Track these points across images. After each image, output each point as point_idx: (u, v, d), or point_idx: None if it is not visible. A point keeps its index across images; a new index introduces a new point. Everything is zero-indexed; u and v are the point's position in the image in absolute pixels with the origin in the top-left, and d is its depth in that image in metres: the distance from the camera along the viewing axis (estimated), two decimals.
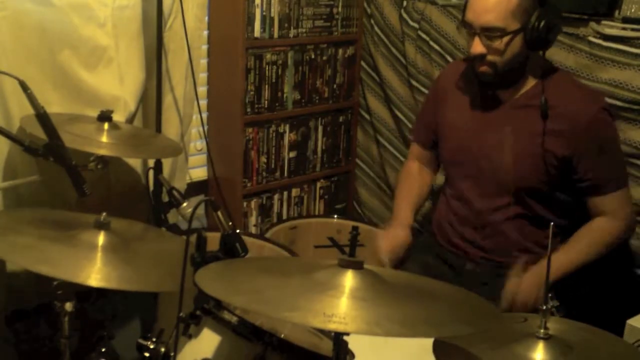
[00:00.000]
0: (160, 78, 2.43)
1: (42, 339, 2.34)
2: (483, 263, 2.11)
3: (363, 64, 3.12)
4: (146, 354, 1.46)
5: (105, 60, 2.31)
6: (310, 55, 2.92)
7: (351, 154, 3.22)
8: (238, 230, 1.54)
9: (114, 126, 2.10)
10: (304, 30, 2.87)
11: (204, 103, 2.83)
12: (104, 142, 2.03)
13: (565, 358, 1.28)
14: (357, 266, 1.23)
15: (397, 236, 2.18)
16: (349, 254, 1.29)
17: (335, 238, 2.51)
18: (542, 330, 1.30)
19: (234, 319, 1.46)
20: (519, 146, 1.99)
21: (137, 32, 2.37)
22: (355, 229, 1.34)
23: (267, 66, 2.79)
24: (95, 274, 1.47)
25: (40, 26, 2.17)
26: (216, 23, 2.73)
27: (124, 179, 2.51)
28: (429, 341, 1.34)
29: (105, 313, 2.45)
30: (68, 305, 1.56)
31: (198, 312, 1.48)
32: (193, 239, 1.43)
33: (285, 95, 2.89)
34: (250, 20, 2.69)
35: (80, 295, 1.60)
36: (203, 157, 2.91)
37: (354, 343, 1.36)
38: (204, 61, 2.79)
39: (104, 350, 1.60)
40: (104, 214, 1.61)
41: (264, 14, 2.71)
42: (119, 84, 2.35)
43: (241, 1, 2.64)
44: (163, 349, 1.46)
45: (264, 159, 2.90)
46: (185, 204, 1.86)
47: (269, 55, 2.78)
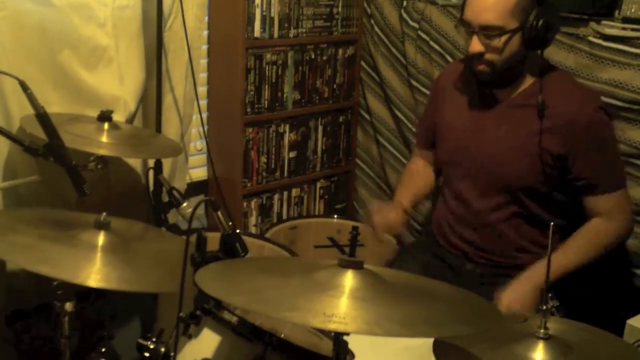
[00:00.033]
0: (160, 78, 2.43)
1: (42, 339, 2.34)
2: (482, 263, 2.11)
3: (363, 64, 3.11)
4: (146, 354, 1.46)
5: (105, 60, 2.31)
6: (310, 55, 2.92)
7: (351, 154, 3.22)
8: (238, 230, 1.54)
9: (114, 126, 2.10)
10: (304, 30, 2.87)
11: (204, 103, 2.83)
12: (104, 142, 2.03)
13: (565, 358, 1.28)
14: (357, 266, 1.23)
15: (391, 216, 2.23)
16: (349, 254, 1.29)
17: (335, 238, 2.51)
18: (542, 330, 1.30)
19: (234, 319, 1.46)
20: (515, 145, 1.99)
21: (137, 32, 2.37)
22: (355, 229, 1.33)
23: (267, 66, 2.79)
24: (95, 275, 1.47)
25: (40, 26, 2.17)
26: (216, 23, 2.73)
27: (124, 179, 2.51)
28: (429, 341, 1.34)
29: (105, 313, 2.45)
30: (68, 305, 1.56)
31: (198, 312, 1.48)
32: (193, 239, 1.43)
33: (285, 95, 2.89)
34: (250, 20, 2.68)
35: (80, 295, 1.60)
36: (203, 157, 2.91)
37: (354, 343, 1.36)
38: (204, 61, 2.79)
39: (104, 350, 1.60)
40: (104, 214, 1.61)
41: (264, 14, 2.71)
42: (119, 84, 2.35)
43: (241, 1, 2.64)
44: (163, 349, 1.46)
45: (264, 159, 2.89)
46: (185, 204, 1.86)
47: (269, 55, 2.78)
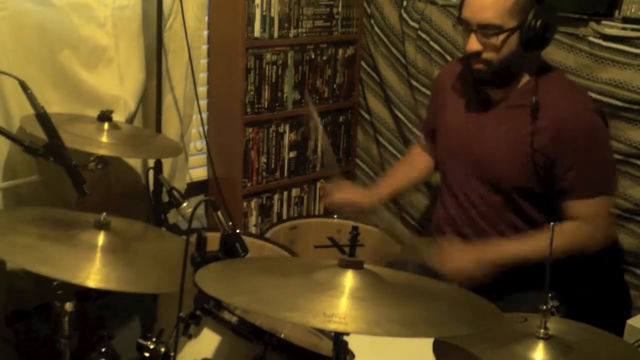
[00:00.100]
0: (160, 78, 2.43)
1: (42, 339, 2.34)
2: None
3: (363, 64, 3.11)
4: (146, 354, 1.46)
5: (105, 60, 2.31)
6: (310, 55, 2.92)
7: (351, 154, 3.22)
8: (238, 230, 1.54)
9: (114, 126, 2.10)
10: (304, 30, 2.87)
11: (204, 103, 2.83)
12: (104, 142, 2.03)
13: (565, 358, 1.28)
14: (357, 266, 1.23)
15: (360, 196, 2.26)
16: (349, 254, 1.29)
17: (335, 238, 2.51)
18: (542, 330, 1.30)
19: (234, 319, 1.46)
20: (510, 146, 1.98)
21: (137, 32, 2.37)
22: (355, 229, 1.33)
23: (267, 66, 2.79)
24: (95, 275, 1.47)
25: (40, 26, 2.17)
26: (216, 23, 2.73)
27: (124, 179, 2.51)
28: (429, 341, 1.34)
29: (105, 313, 2.45)
30: (68, 305, 1.56)
31: (198, 312, 1.48)
32: (193, 239, 1.43)
33: (285, 95, 2.89)
34: (250, 20, 2.68)
35: (80, 295, 1.59)
36: (203, 157, 2.91)
37: (354, 343, 1.36)
38: (204, 61, 2.79)
39: (104, 350, 1.59)
40: (104, 214, 1.61)
41: (264, 14, 2.71)
42: (119, 84, 2.35)
43: (241, 1, 2.64)
44: (163, 349, 1.46)
45: (264, 159, 2.89)
46: (185, 204, 1.86)
47: (269, 55, 2.78)
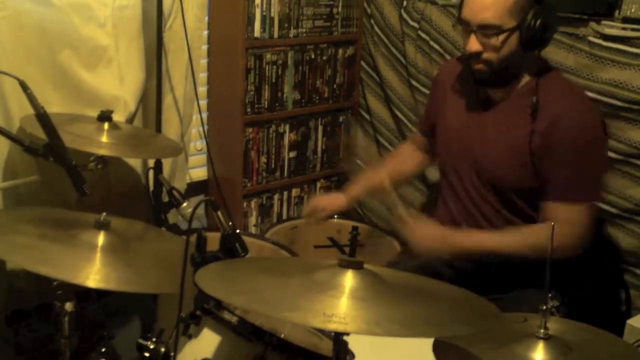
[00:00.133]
0: (160, 78, 2.43)
1: (42, 339, 2.34)
2: (482, 262, 2.11)
3: (363, 64, 3.11)
4: (146, 354, 1.45)
5: (105, 60, 2.31)
6: (310, 55, 2.92)
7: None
8: (238, 230, 1.54)
9: (114, 126, 2.10)
10: (304, 30, 2.87)
11: (204, 103, 2.83)
12: (104, 142, 2.03)
13: (565, 358, 1.28)
14: (357, 266, 1.23)
15: (329, 200, 2.38)
16: (349, 254, 1.29)
17: (335, 238, 2.51)
18: (542, 330, 1.30)
19: (234, 319, 1.46)
20: (510, 146, 1.97)
21: (137, 32, 2.37)
22: (355, 229, 1.33)
23: (267, 66, 2.79)
24: (95, 275, 1.46)
25: (40, 26, 2.17)
26: (216, 23, 2.73)
27: (124, 179, 2.51)
28: (429, 341, 1.34)
29: (105, 313, 2.45)
30: (68, 305, 1.56)
31: (198, 312, 1.48)
32: (193, 239, 1.43)
33: (285, 95, 2.89)
34: (250, 20, 2.69)
35: (80, 295, 1.59)
36: (203, 157, 2.91)
37: (354, 343, 1.36)
38: (204, 61, 2.79)
39: (104, 350, 1.59)
40: (104, 214, 1.60)
41: (264, 14, 2.71)
42: (119, 84, 2.35)
43: (241, 1, 2.64)
44: (163, 349, 1.45)
45: (264, 159, 2.89)
46: (185, 204, 1.86)
47: (269, 55, 2.78)
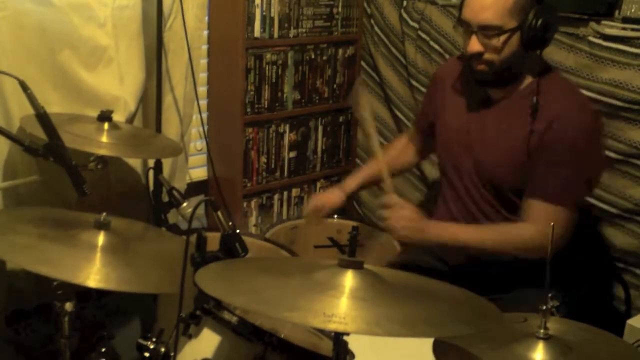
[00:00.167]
0: (160, 78, 2.43)
1: (42, 339, 2.34)
2: (481, 261, 2.11)
3: (363, 64, 3.11)
4: (146, 354, 1.45)
5: (105, 60, 2.31)
6: (310, 55, 2.92)
7: (351, 154, 3.22)
8: (238, 230, 1.54)
9: (114, 126, 2.10)
10: (304, 30, 2.87)
11: (204, 103, 2.83)
12: (104, 142, 2.03)
13: (565, 358, 1.28)
14: (357, 266, 1.23)
15: (327, 197, 2.36)
16: (349, 254, 1.29)
17: (335, 238, 2.51)
18: (542, 331, 1.30)
19: (234, 319, 1.46)
20: (509, 146, 1.97)
21: (137, 32, 2.37)
22: (355, 229, 1.33)
23: (267, 66, 2.79)
24: (95, 275, 1.46)
25: (40, 26, 2.17)
26: (216, 23, 2.73)
27: (124, 179, 2.51)
28: (429, 341, 1.34)
29: (105, 313, 2.45)
30: (68, 305, 1.56)
31: (198, 312, 1.48)
32: (193, 239, 1.43)
33: (285, 95, 2.89)
34: (250, 20, 2.69)
35: (80, 295, 1.59)
36: (203, 157, 2.91)
37: (354, 343, 1.36)
38: (204, 61, 2.79)
39: (104, 350, 1.59)
40: (104, 214, 1.60)
41: (264, 14, 2.71)
42: (119, 84, 2.35)
43: (241, 1, 2.64)
44: (163, 349, 1.45)
45: (264, 159, 2.89)
46: (185, 204, 1.86)
47: (269, 55, 2.78)
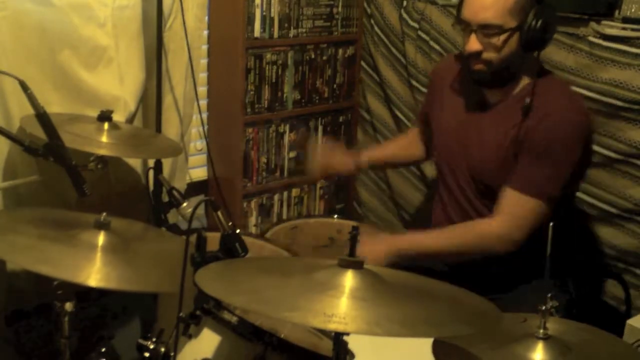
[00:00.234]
0: (160, 78, 2.43)
1: (42, 339, 2.34)
2: (480, 261, 2.11)
3: (363, 64, 3.11)
4: (146, 354, 1.45)
5: (105, 60, 2.31)
6: (310, 55, 2.92)
7: None
8: (238, 230, 1.54)
9: (114, 126, 2.10)
10: (304, 30, 2.87)
11: (204, 103, 2.83)
12: (104, 142, 2.03)
13: (564, 358, 1.28)
14: (357, 266, 1.23)
15: (337, 161, 2.34)
16: (349, 254, 1.29)
17: (335, 238, 2.51)
18: (542, 331, 1.30)
19: (234, 319, 1.46)
20: (503, 147, 1.97)
21: (137, 32, 2.37)
22: (355, 229, 1.33)
23: (267, 66, 2.79)
24: (95, 274, 1.47)
25: (40, 26, 2.17)
26: (216, 23, 2.73)
27: (124, 179, 2.51)
28: (429, 341, 1.34)
29: (105, 313, 2.45)
30: (68, 305, 1.56)
31: (198, 312, 1.48)
32: (193, 239, 1.43)
33: (285, 95, 2.89)
34: (250, 20, 2.69)
35: (80, 295, 1.59)
36: (203, 157, 2.91)
37: (354, 343, 1.36)
38: (204, 61, 2.79)
39: (104, 350, 1.59)
40: (104, 214, 1.61)
41: (264, 14, 2.71)
42: (119, 84, 2.35)
43: (241, 1, 2.64)
44: (163, 349, 1.45)
45: (264, 159, 2.89)
46: (185, 204, 1.86)
47: (269, 55, 2.78)
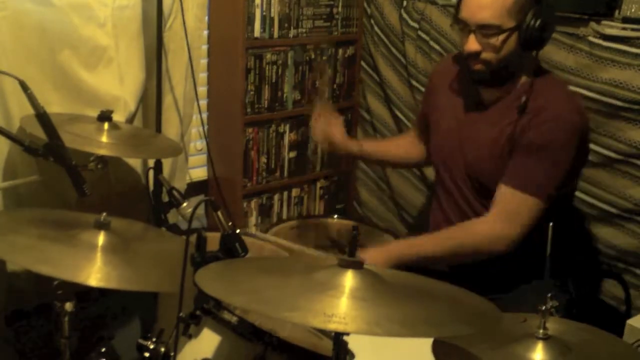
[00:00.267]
0: (160, 78, 2.43)
1: (42, 339, 2.34)
2: (480, 261, 2.11)
3: (363, 64, 3.11)
4: (146, 354, 1.45)
5: (105, 60, 2.31)
6: (310, 55, 2.92)
7: None
8: (238, 230, 1.54)
9: (114, 126, 2.10)
10: (304, 30, 2.87)
11: (204, 103, 2.83)
12: (104, 142, 2.03)
13: (564, 358, 1.28)
14: (357, 266, 1.23)
15: (345, 142, 2.29)
16: (349, 254, 1.29)
17: (335, 238, 2.51)
18: (542, 331, 1.30)
19: (234, 319, 1.46)
20: (499, 147, 1.97)
21: (137, 32, 2.37)
22: (355, 228, 1.33)
23: (267, 66, 2.79)
24: (95, 274, 1.47)
25: (40, 26, 2.17)
26: (216, 23, 2.73)
27: (124, 179, 2.51)
28: (429, 341, 1.34)
29: (105, 313, 2.45)
30: (68, 305, 1.56)
31: (198, 312, 1.48)
32: (193, 239, 1.43)
33: (285, 95, 2.89)
34: (250, 20, 2.69)
35: (80, 295, 1.59)
36: (203, 157, 2.91)
37: (354, 343, 1.36)
38: (204, 61, 2.79)
39: (104, 350, 1.59)
40: (104, 214, 1.60)
41: (264, 14, 2.71)
42: (119, 84, 2.35)
43: (241, 1, 2.64)
44: (163, 349, 1.45)
45: (264, 159, 2.89)
46: (185, 204, 1.86)
47: (269, 55, 2.78)
